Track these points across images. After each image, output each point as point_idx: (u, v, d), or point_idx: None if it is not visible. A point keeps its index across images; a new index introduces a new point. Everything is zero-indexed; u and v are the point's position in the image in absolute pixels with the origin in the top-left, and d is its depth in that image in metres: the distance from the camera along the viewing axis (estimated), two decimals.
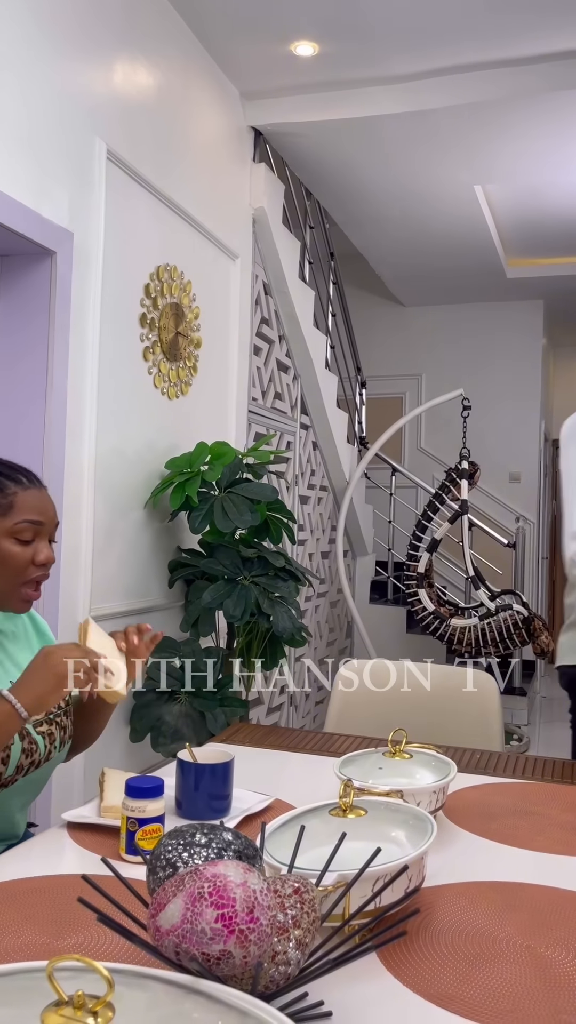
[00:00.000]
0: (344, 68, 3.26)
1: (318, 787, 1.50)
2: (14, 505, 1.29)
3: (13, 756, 1.27)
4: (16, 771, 1.27)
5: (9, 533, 1.29)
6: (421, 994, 0.81)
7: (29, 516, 1.30)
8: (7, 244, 2.26)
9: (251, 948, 0.67)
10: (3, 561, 1.29)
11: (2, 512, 1.29)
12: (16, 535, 1.29)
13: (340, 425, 4.69)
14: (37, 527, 1.31)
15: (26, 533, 1.30)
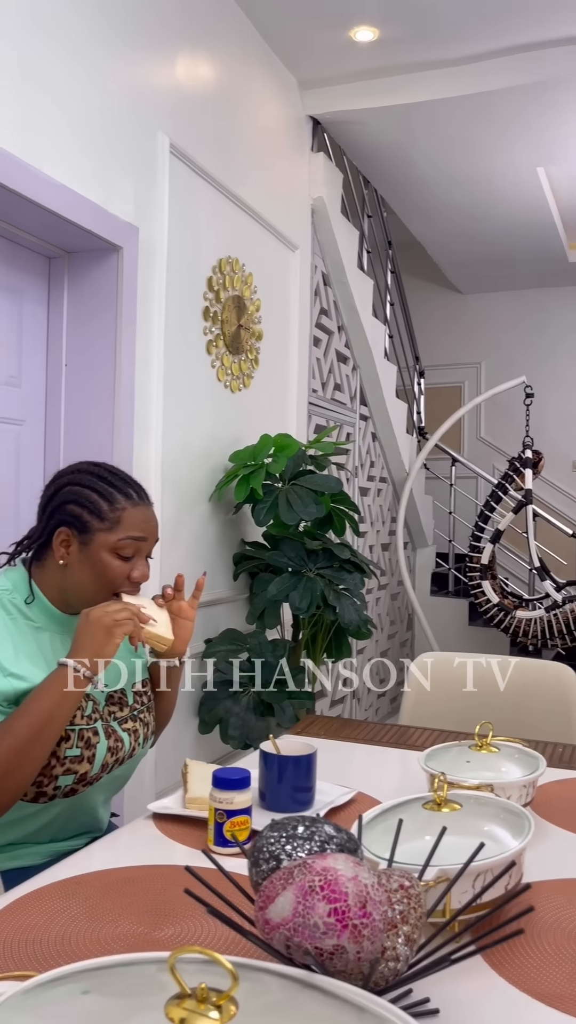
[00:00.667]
0: (404, 52, 3.22)
1: (399, 780, 1.49)
2: (121, 520, 1.29)
3: (99, 755, 1.28)
4: (101, 769, 1.29)
5: (112, 548, 1.28)
6: (529, 992, 0.80)
7: (133, 533, 1.30)
8: (76, 241, 2.28)
9: (364, 943, 0.66)
10: (100, 573, 1.29)
11: (109, 526, 1.28)
12: (118, 550, 1.29)
13: (399, 416, 4.64)
14: (139, 544, 1.31)
15: (127, 549, 1.30)
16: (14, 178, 1.92)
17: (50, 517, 1.32)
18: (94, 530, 1.28)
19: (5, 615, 1.27)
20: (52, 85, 2.06)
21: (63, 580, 1.30)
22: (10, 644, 1.24)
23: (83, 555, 1.28)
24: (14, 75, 1.93)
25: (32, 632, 1.29)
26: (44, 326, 2.38)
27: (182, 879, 1.04)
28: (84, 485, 1.31)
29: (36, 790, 1.23)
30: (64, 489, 1.32)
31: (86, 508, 1.29)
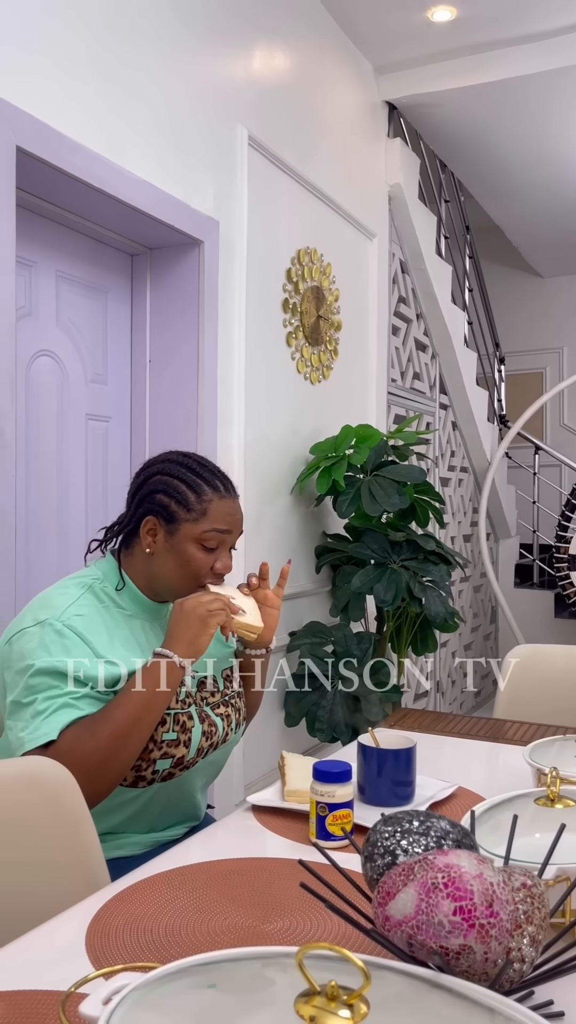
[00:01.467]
0: (483, 30, 3.14)
1: (498, 774, 1.45)
2: (207, 512, 1.29)
3: (194, 739, 1.28)
4: (197, 753, 1.29)
5: (197, 539, 1.29)
6: None
7: (219, 525, 1.30)
8: (158, 236, 2.29)
9: (492, 944, 0.63)
10: (185, 564, 1.30)
11: (195, 518, 1.29)
12: (203, 542, 1.29)
13: (480, 404, 4.55)
14: (223, 536, 1.31)
15: (212, 541, 1.30)
16: (100, 176, 1.94)
17: (138, 505, 1.33)
18: (180, 520, 1.29)
19: (97, 603, 1.28)
20: (132, 83, 2.07)
21: (150, 568, 1.32)
22: (104, 631, 1.26)
23: (169, 544, 1.29)
24: (95, 76, 1.96)
25: (124, 619, 1.30)
26: (128, 324, 2.41)
27: (288, 871, 1.03)
28: (173, 475, 1.31)
29: (135, 774, 1.24)
30: (153, 478, 1.33)
31: (174, 498, 1.29)
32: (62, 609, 1.24)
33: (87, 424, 2.26)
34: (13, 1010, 0.76)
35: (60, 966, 0.84)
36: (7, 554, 1.73)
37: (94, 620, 1.26)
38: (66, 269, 2.17)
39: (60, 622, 1.22)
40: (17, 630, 1.25)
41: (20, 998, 0.78)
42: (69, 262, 2.18)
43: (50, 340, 2.12)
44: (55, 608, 1.24)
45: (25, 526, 2.04)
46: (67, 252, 2.17)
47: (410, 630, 3.01)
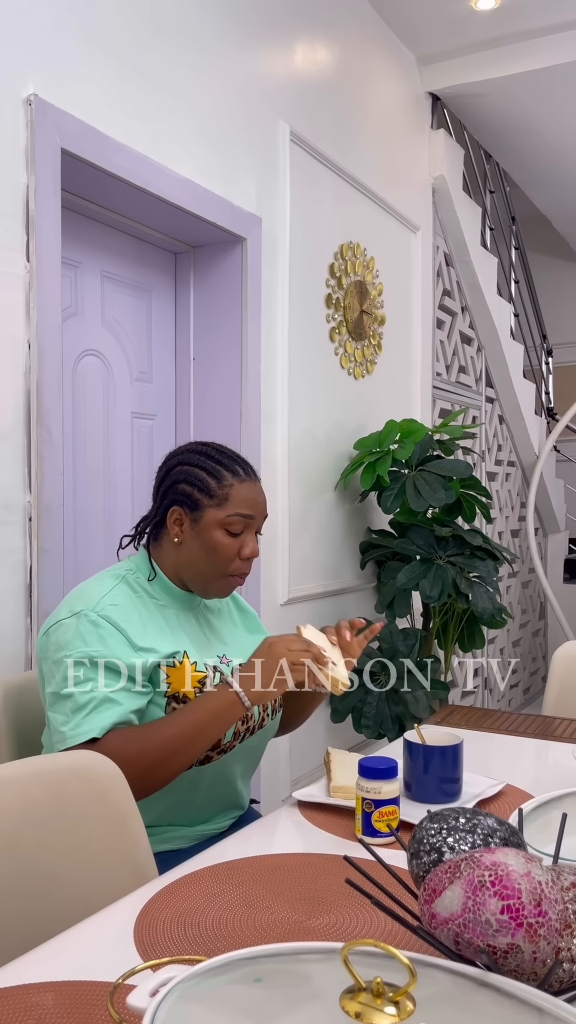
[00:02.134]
0: (527, 17, 3.09)
1: (547, 772, 1.43)
2: (229, 497, 1.31)
3: None
4: (233, 737, 1.31)
5: (221, 524, 1.30)
6: None
7: (242, 510, 1.31)
8: (201, 234, 2.30)
9: (540, 943, 0.62)
10: (211, 551, 1.31)
11: (217, 503, 1.30)
12: (227, 527, 1.31)
13: (527, 397, 4.48)
14: (248, 520, 1.32)
15: (236, 526, 1.31)
16: (143, 176, 1.96)
17: (163, 497, 1.35)
18: (204, 507, 1.31)
19: (131, 593, 1.30)
20: (174, 83, 2.08)
21: (179, 558, 1.34)
22: (137, 620, 1.27)
23: (195, 532, 1.31)
24: (138, 77, 1.97)
25: (158, 608, 1.32)
26: (172, 322, 2.42)
27: (334, 867, 1.03)
28: (193, 464, 1.33)
29: None
30: (175, 470, 1.35)
31: (196, 486, 1.31)
32: (97, 599, 1.26)
33: (132, 422, 2.28)
34: (62, 1000, 0.77)
35: (108, 957, 0.85)
36: (55, 551, 1.75)
37: (128, 609, 1.27)
38: (111, 269, 2.19)
39: (95, 612, 1.24)
40: (54, 621, 1.27)
41: (69, 988, 0.79)
42: (114, 262, 2.20)
43: (96, 340, 2.15)
44: (90, 599, 1.26)
45: (73, 523, 2.07)
46: (112, 252, 2.19)
47: (457, 626, 2.98)
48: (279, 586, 2.55)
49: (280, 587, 2.56)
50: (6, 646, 1.66)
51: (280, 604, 2.56)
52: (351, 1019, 0.53)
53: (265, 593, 2.47)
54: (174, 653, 1.28)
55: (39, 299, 1.70)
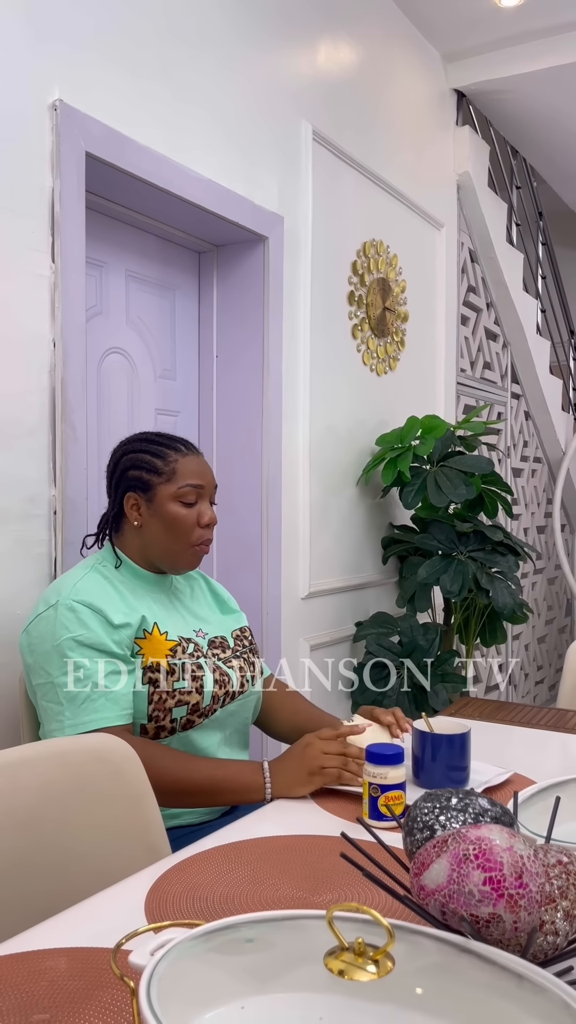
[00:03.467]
0: (552, 13, 3.08)
1: (559, 763, 1.45)
2: (176, 471, 1.40)
3: (207, 687, 1.37)
4: (212, 700, 1.37)
5: (174, 497, 1.40)
6: None
7: (191, 480, 1.41)
8: (223, 234, 2.34)
9: (521, 914, 0.65)
10: (171, 524, 1.40)
11: (167, 478, 1.40)
12: (180, 498, 1.40)
13: (554, 392, 4.47)
14: (199, 490, 1.42)
15: (189, 496, 1.40)
16: (166, 177, 2.00)
17: (117, 488, 1.45)
18: (155, 485, 1.40)
19: (101, 579, 1.38)
20: (197, 85, 2.12)
21: (142, 540, 1.42)
22: (110, 601, 1.35)
23: (151, 511, 1.40)
24: (160, 79, 2.01)
25: (128, 590, 1.40)
26: (195, 320, 2.47)
27: (339, 848, 1.07)
28: (137, 451, 1.43)
29: (155, 725, 1.33)
30: (122, 460, 1.45)
31: (143, 469, 1.41)
32: (70, 588, 1.34)
33: (156, 419, 2.33)
34: (74, 964, 0.82)
35: (120, 927, 0.89)
36: (78, 546, 1.80)
37: (100, 593, 1.35)
38: (135, 268, 2.24)
39: (70, 599, 1.31)
40: (33, 617, 1.36)
41: (81, 954, 0.83)
42: (138, 261, 2.25)
43: (120, 338, 2.20)
44: (63, 589, 1.34)
45: (96, 517, 2.12)
46: (136, 252, 2.24)
47: (478, 622, 2.99)
48: (300, 580, 2.59)
49: (301, 581, 2.59)
50: None
51: (301, 598, 2.60)
52: (335, 976, 0.57)
53: (286, 587, 2.51)
54: (143, 623, 1.35)
55: (64, 299, 1.75)
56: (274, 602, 2.45)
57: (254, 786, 1.26)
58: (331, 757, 1.24)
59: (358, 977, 0.56)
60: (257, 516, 2.42)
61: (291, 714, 1.55)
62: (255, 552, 2.43)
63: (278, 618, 2.46)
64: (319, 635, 2.69)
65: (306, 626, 2.63)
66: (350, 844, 0.77)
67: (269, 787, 1.26)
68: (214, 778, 1.27)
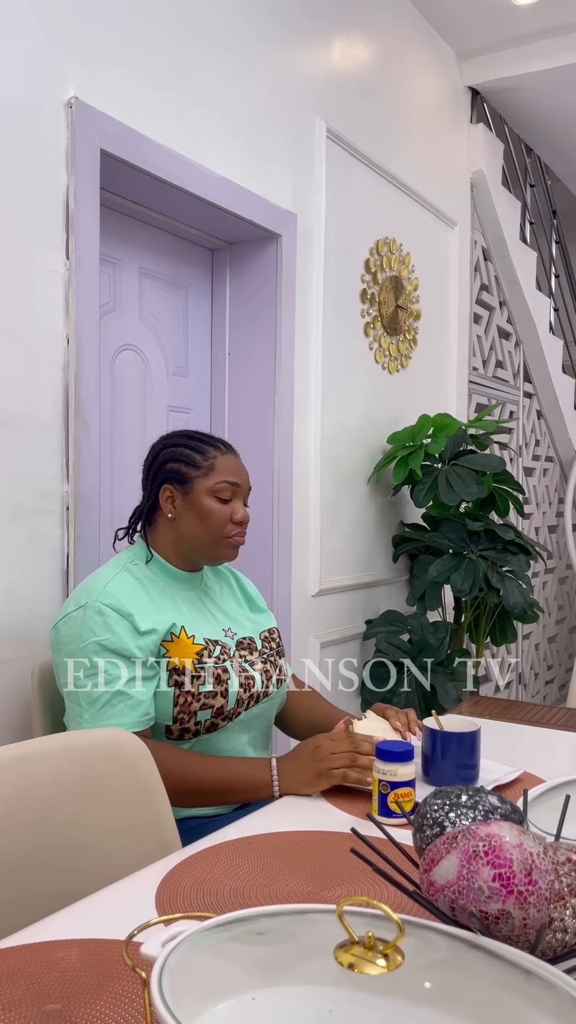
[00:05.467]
0: (568, 11, 3.07)
1: (567, 761, 1.45)
2: (215, 467, 1.42)
3: (231, 690, 1.37)
4: (237, 704, 1.37)
5: (210, 492, 1.41)
6: None
7: (228, 477, 1.42)
8: (237, 231, 2.35)
9: (530, 911, 0.66)
10: (205, 517, 1.41)
11: (205, 472, 1.41)
12: (216, 494, 1.41)
13: (567, 392, 4.45)
14: (234, 488, 1.43)
15: (225, 493, 1.42)
16: (180, 175, 2.00)
17: (153, 480, 1.46)
18: (193, 479, 1.41)
19: (132, 580, 1.39)
20: (211, 83, 2.13)
21: (175, 534, 1.43)
22: (139, 604, 1.35)
23: (187, 504, 1.42)
24: (175, 76, 2.02)
25: (158, 590, 1.40)
26: (208, 317, 2.47)
27: (349, 844, 1.07)
28: (177, 445, 1.45)
29: (180, 727, 1.34)
30: (161, 453, 1.46)
31: (182, 462, 1.43)
32: (100, 590, 1.34)
33: (169, 415, 2.34)
34: (86, 955, 0.82)
35: (131, 919, 0.90)
36: (91, 539, 1.81)
37: (130, 596, 1.35)
38: (148, 265, 2.25)
39: (99, 602, 1.32)
40: (63, 616, 1.36)
41: (92, 945, 0.84)
42: (151, 258, 2.26)
43: (133, 335, 2.21)
44: (94, 591, 1.34)
45: (109, 513, 2.13)
46: (149, 249, 2.25)
47: (488, 620, 2.99)
48: (311, 577, 2.59)
49: (312, 578, 2.60)
50: (43, 629, 1.72)
51: (312, 595, 2.60)
52: (344, 969, 0.57)
53: (296, 584, 2.52)
54: (172, 627, 1.35)
55: (78, 295, 1.76)
56: (285, 599, 2.45)
57: (262, 784, 1.27)
58: (339, 757, 1.25)
59: (368, 971, 0.56)
60: (268, 513, 2.43)
61: (308, 711, 1.56)
62: (266, 549, 2.44)
63: (288, 616, 2.47)
64: (329, 633, 2.70)
65: (317, 624, 2.64)
66: (360, 840, 0.77)
67: (277, 785, 1.26)
68: (222, 777, 1.28)
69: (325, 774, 1.24)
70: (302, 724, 1.55)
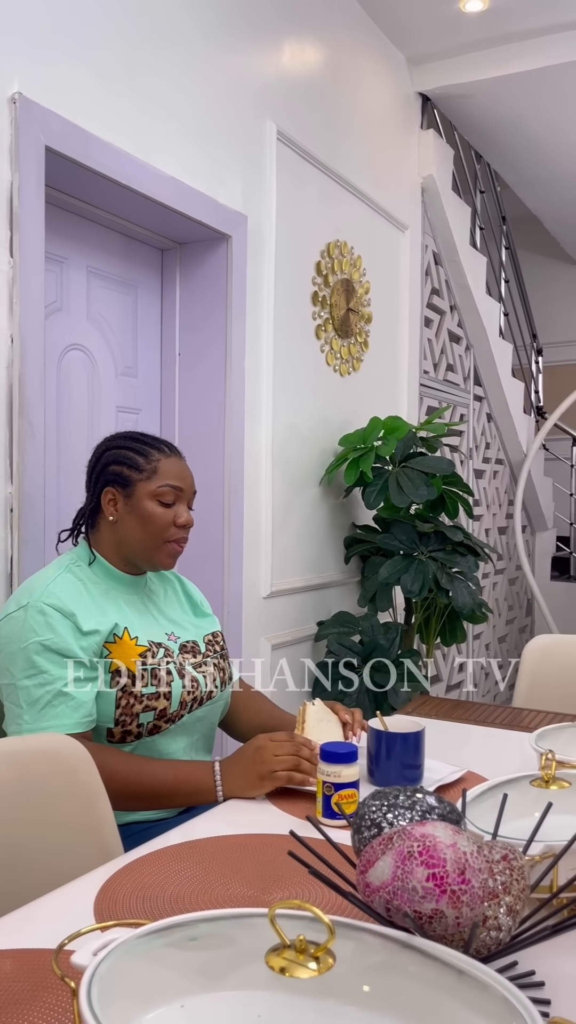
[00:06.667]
0: (516, 20, 3.12)
1: (511, 760, 1.47)
2: (158, 470, 1.41)
3: (175, 692, 1.36)
4: (180, 707, 1.36)
5: (153, 495, 1.40)
6: None
7: (171, 481, 1.41)
8: (187, 232, 2.33)
9: (463, 909, 0.66)
10: (146, 521, 1.39)
11: (147, 476, 1.40)
12: (159, 497, 1.40)
13: (516, 395, 4.52)
14: (177, 492, 1.42)
15: (167, 496, 1.41)
16: (128, 174, 1.99)
17: (96, 482, 1.44)
18: (135, 482, 1.40)
19: (75, 580, 1.37)
20: (160, 82, 2.11)
21: (117, 537, 1.42)
22: (82, 605, 1.33)
23: (129, 507, 1.40)
24: (124, 75, 2.00)
25: (100, 592, 1.39)
26: (158, 317, 2.46)
27: (291, 846, 1.07)
28: (120, 447, 1.43)
29: (122, 730, 1.32)
30: (103, 456, 1.44)
31: (125, 465, 1.41)
32: (42, 590, 1.32)
33: (117, 416, 2.31)
34: (19, 966, 0.81)
35: (69, 928, 0.89)
36: (35, 541, 1.79)
37: (72, 596, 1.33)
38: (97, 265, 2.22)
39: (41, 602, 1.30)
40: (3, 616, 1.34)
41: (27, 956, 0.83)
42: (100, 257, 2.23)
43: (81, 334, 2.18)
44: (35, 591, 1.33)
45: (56, 516, 2.10)
46: (98, 248, 2.22)
47: (439, 621, 3.02)
48: (262, 579, 2.59)
49: (263, 580, 2.59)
50: None
51: (263, 597, 2.60)
52: (276, 974, 0.57)
53: (248, 586, 2.51)
54: (114, 628, 1.34)
55: (22, 294, 1.73)
56: (235, 601, 2.44)
57: (205, 788, 1.26)
58: (282, 760, 1.24)
59: (299, 974, 0.56)
60: (219, 515, 2.42)
61: (254, 714, 1.55)
62: (217, 551, 2.43)
63: (239, 617, 2.46)
64: (281, 634, 2.69)
65: (268, 626, 2.63)
66: (299, 842, 0.77)
67: (220, 789, 1.25)
68: (165, 780, 1.27)
69: (268, 776, 1.23)
70: (248, 727, 1.54)
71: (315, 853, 0.76)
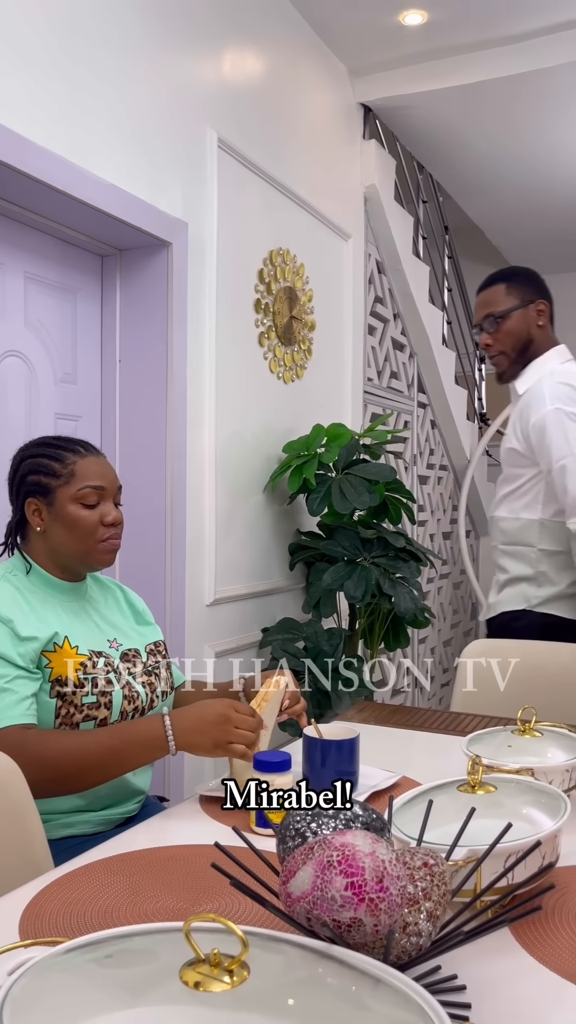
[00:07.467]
0: (455, 34, 3.17)
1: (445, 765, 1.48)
2: (75, 473, 1.38)
3: (115, 702, 1.34)
4: (120, 716, 1.35)
5: (75, 499, 1.37)
6: (558, 972, 0.79)
7: (91, 482, 1.39)
8: (126, 238, 2.32)
9: (382, 917, 0.67)
10: (74, 525, 1.37)
11: (65, 480, 1.38)
12: (81, 500, 1.38)
13: (459, 402, 4.59)
14: (100, 491, 1.39)
15: (90, 497, 1.38)
16: (64, 180, 1.97)
17: (17, 495, 1.42)
18: (55, 488, 1.38)
19: (12, 588, 1.35)
20: (98, 87, 2.10)
21: (48, 546, 1.40)
22: (19, 612, 1.32)
23: (53, 515, 1.38)
24: (60, 80, 1.98)
25: (39, 601, 1.37)
26: (98, 324, 2.44)
27: (223, 858, 1.07)
28: (35, 456, 1.41)
29: None
30: (20, 466, 1.42)
31: (42, 473, 1.39)
32: None
33: (56, 423, 2.29)
34: None
35: None
36: None
37: (8, 603, 1.32)
38: (35, 270, 2.20)
39: None
40: None
41: None
42: (38, 263, 2.21)
43: (18, 341, 2.15)
44: None
45: None
46: (36, 253, 2.20)
47: (382, 626, 3.04)
48: (206, 587, 2.58)
49: (207, 588, 2.58)
50: None
51: (206, 604, 2.59)
52: (190, 989, 0.57)
53: (191, 593, 2.50)
54: (53, 638, 1.32)
55: None
56: (178, 609, 2.43)
57: (155, 742, 1.23)
58: (243, 735, 1.23)
59: (213, 988, 0.56)
60: (161, 522, 2.41)
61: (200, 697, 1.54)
62: (159, 558, 2.41)
63: (182, 625, 2.45)
64: (225, 642, 2.69)
65: (211, 633, 2.62)
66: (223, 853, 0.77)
67: (172, 742, 1.23)
68: (112, 744, 1.23)
69: (224, 747, 1.22)
70: None
71: (241, 865, 0.76)
